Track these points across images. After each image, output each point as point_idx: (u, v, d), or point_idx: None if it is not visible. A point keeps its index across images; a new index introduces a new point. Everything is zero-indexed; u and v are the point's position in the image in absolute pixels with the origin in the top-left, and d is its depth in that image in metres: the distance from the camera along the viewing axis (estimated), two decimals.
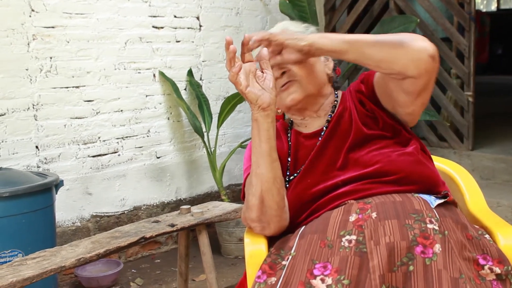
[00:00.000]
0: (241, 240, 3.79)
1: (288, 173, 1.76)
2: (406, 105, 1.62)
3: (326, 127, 1.74)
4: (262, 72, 1.56)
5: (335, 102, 1.79)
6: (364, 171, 1.62)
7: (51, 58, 3.39)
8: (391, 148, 1.65)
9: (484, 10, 14.81)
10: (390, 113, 1.70)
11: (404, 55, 1.48)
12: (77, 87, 3.52)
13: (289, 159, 1.77)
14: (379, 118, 1.69)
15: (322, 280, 1.37)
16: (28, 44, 3.29)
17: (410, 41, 1.48)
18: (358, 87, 1.77)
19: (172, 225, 2.59)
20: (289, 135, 1.82)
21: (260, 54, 1.54)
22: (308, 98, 1.73)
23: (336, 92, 1.83)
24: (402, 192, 1.59)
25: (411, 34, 1.51)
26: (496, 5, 15.62)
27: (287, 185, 1.73)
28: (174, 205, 4.03)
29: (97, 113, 3.61)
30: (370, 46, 1.52)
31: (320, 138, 1.74)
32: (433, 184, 1.65)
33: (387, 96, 1.67)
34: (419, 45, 1.48)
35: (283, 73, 1.69)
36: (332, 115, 1.76)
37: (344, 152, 1.67)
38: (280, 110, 1.77)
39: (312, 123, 1.78)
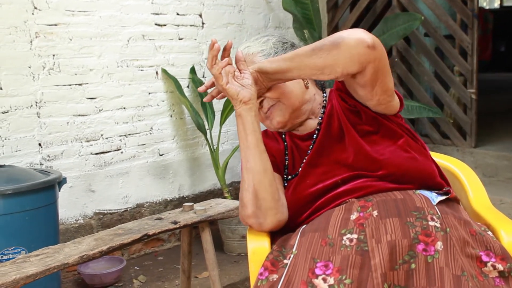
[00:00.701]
0: (244, 237, 3.79)
1: (286, 172, 1.76)
2: (368, 98, 1.62)
3: (319, 129, 1.75)
4: (240, 72, 1.60)
5: (324, 102, 1.80)
6: (362, 172, 1.63)
7: (54, 55, 3.39)
8: (382, 144, 1.65)
9: (487, 7, 14.76)
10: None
11: (342, 54, 1.47)
12: (80, 84, 3.52)
13: (287, 159, 1.78)
14: (361, 112, 1.70)
15: (324, 280, 1.37)
16: (31, 41, 3.30)
17: (344, 39, 1.48)
18: (337, 85, 1.78)
19: (175, 222, 2.59)
20: (283, 136, 1.83)
21: (236, 56, 1.60)
22: (294, 113, 1.74)
23: (324, 92, 1.83)
24: (403, 189, 1.59)
25: (345, 31, 1.50)
26: (499, 2, 15.58)
27: (286, 184, 1.74)
28: (177, 203, 4.03)
29: (100, 110, 3.61)
30: (309, 56, 1.52)
31: (313, 141, 1.74)
32: (430, 177, 1.66)
33: (356, 95, 1.68)
34: (354, 39, 1.47)
35: (261, 102, 1.72)
36: (323, 116, 1.76)
37: (340, 152, 1.68)
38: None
39: (305, 125, 1.80)
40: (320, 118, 1.77)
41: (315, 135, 1.75)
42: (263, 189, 1.60)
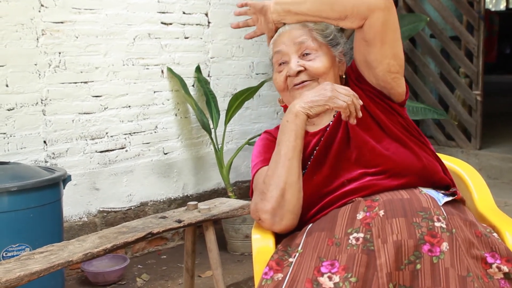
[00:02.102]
0: (248, 237, 3.79)
1: None
2: (378, 60, 1.64)
3: (328, 126, 1.75)
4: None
5: None
6: (367, 169, 1.63)
7: (60, 53, 3.39)
8: (385, 140, 1.66)
9: (493, 9, 14.76)
10: (376, 93, 1.71)
11: None
12: (86, 82, 3.52)
13: None
14: (366, 105, 1.69)
15: (330, 278, 1.37)
16: (37, 39, 3.30)
17: None
18: (347, 74, 1.80)
19: (179, 221, 2.59)
20: None
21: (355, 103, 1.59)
22: None
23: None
24: (407, 185, 1.59)
25: None
26: (505, 4, 15.56)
27: None
28: (181, 201, 4.04)
29: (105, 108, 3.62)
30: None
31: (321, 137, 1.74)
32: (433, 173, 1.66)
33: (365, 65, 1.69)
34: None
35: (299, 72, 1.71)
36: (336, 113, 1.76)
37: (345, 148, 1.68)
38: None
39: (320, 120, 1.78)
40: (335, 112, 1.76)
41: (327, 129, 1.75)
42: (292, 191, 1.60)
